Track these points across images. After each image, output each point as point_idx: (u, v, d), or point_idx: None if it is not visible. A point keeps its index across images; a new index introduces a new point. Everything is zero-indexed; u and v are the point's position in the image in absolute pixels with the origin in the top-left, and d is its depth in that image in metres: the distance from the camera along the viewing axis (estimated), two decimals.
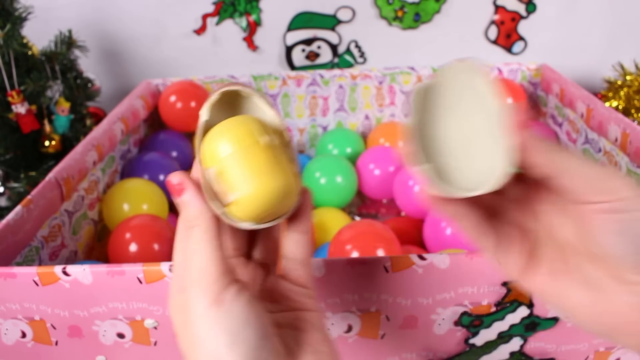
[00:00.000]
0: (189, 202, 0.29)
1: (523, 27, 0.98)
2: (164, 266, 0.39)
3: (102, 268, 0.39)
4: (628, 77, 0.86)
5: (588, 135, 0.71)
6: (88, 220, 0.64)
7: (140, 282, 0.39)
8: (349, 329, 0.42)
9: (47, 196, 0.54)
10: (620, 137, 0.62)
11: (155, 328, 0.42)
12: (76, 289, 0.40)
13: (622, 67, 0.88)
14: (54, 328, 0.42)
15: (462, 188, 0.28)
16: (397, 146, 0.84)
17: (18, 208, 0.49)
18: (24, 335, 0.43)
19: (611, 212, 0.25)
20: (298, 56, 1.00)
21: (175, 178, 0.29)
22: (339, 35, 0.98)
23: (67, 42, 0.78)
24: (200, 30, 0.97)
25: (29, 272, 0.39)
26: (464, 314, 0.42)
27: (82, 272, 0.39)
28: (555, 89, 0.80)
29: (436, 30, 0.98)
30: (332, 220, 0.69)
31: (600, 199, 0.25)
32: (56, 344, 0.43)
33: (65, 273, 0.39)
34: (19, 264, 0.49)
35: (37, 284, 0.40)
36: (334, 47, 0.99)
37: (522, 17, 0.97)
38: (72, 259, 0.60)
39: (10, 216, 0.48)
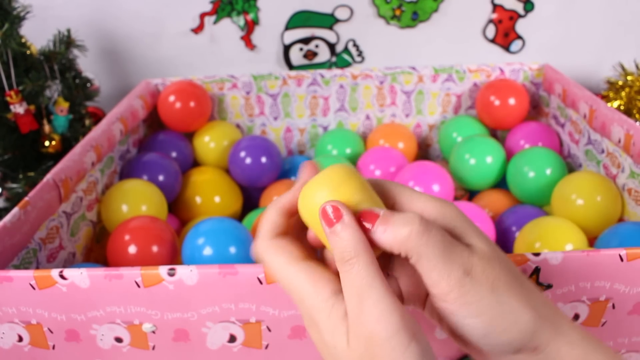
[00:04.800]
0: (342, 232, 0.27)
1: (521, 26, 0.98)
2: (162, 270, 0.38)
3: (99, 272, 0.39)
4: (629, 78, 0.86)
5: (591, 136, 0.71)
6: (86, 222, 0.64)
7: (139, 285, 0.39)
8: None
9: (45, 198, 0.54)
10: (624, 138, 0.61)
11: (154, 332, 0.41)
12: (73, 292, 0.39)
13: (622, 67, 0.87)
14: (51, 332, 0.42)
15: None
16: (397, 147, 0.83)
17: (15, 210, 0.49)
18: (20, 339, 0.42)
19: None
20: (296, 55, 0.99)
21: (330, 206, 0.28)
22: (337, 34, 0.97)
23: (66, 42, 0.78)
24: (198, 29, 0.97)
25: (26, 275, 0.39)
26: None
27: (80, 276, 0.39)
28: (557, 89, 0.80)
29: (434, 29, 0.97)
30: None
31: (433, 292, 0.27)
32: (53, 348, 0.43)
33: (62, 277, 0.39)
34: (16, 267, 0.49)
35: (33, 288, 0.39)
36: (331, 46, 0.99)
37: (520, 16, 0.97)
38: (71, 261, 0.60)
39: (7, 218, 0.48)
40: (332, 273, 0.29)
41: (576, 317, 0.42)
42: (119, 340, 0.42)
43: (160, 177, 0.72)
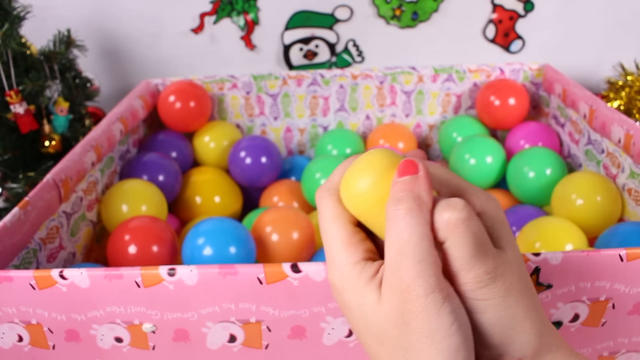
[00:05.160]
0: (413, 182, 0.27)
1: (521, 26, 0.98)
2: (162, 270, 0.38)
3: (99, 272, 0.39)
4: (629, 78, 0.86)
5: (591, 136, 0.71)
6: (86, 222, 0.64)
7: (139, 285, 0.39)
8: (350, 333, 0.42)
9: (45, 198, 0.54)
10: (624, 138, 0.61)
11: (154, 332, 0.41)
12: (73, 292, 0.39)
13: (622, 67, 0.87)
14: (51, 332, 0.42)
15: None
16: (397, 147, 0.83)
17: (15, 210, 0.49)
18: (20, 339, 0.42)
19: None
20: (296, 55, 0.99)
21: (404, 162, 0.28)
22: (337, 34, 0.98)
23: (66, 42, 0.78)
24: (198, 29, 0.97)
25: (26, 275, 0.39)
26: None
27: (80, 276, 0.39)
28: (557, 89, 0.80)
29: (434, 29, 0.97)
30: None
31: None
32: (53, 348, 0.43)
33: (62, 277, 0.39)
34: (16, 267, 0.49)
35: (33, 288, 0.39)
36: (331, 46, 0.99)
37: (520, 16, 0.97)
38: (71, 261, 0.60)
39: (7, 218, 0.48)
40: (372, 245, 0.30)
41: (576, 317, 0.42)
42: (119, 340, 0.42)
43: (160, 177, 0.72)
